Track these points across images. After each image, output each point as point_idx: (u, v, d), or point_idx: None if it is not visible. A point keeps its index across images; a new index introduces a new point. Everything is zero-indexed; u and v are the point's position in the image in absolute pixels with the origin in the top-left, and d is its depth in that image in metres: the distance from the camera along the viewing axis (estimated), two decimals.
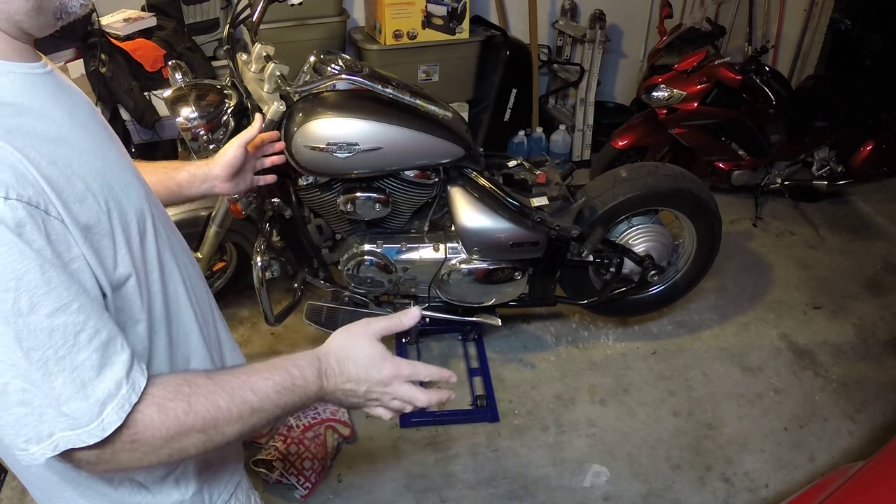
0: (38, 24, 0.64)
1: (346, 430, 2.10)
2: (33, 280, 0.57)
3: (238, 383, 0.71)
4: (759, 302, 2.78)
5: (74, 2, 0.65)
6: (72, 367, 0.60)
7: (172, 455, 0.67)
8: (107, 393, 0.62)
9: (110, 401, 0.62)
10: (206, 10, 2.87)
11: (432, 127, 1.86)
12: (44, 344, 0.58)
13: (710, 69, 2.90)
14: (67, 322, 0.60)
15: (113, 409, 0.62)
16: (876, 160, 3.21)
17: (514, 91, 3.50)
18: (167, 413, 0.66)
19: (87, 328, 0.61)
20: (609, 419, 2.22)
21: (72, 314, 0.60)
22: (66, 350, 0.60)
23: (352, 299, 2.15)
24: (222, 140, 1.80)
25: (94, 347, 0.61)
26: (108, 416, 0.62)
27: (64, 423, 0.60)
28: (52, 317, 0.59)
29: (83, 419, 0.61)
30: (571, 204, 2.11)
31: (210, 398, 0.68)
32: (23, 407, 0.59)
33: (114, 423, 0.62)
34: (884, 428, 2.20)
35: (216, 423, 0.68)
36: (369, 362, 0.79)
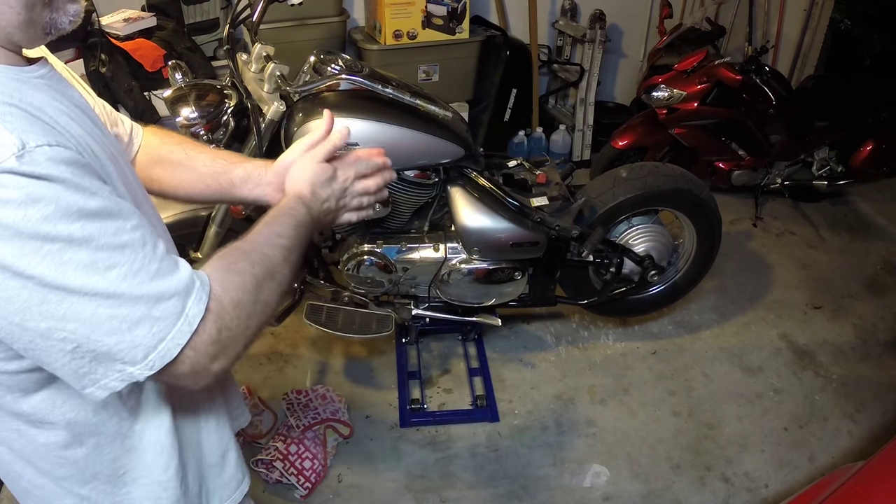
0: (28, 37, 0.66)
1: (346, 430, 2.10)
2: (92, 208, 0.60)
3: (266, 234, 0.81)
4: (759, 302, 2.78)
5: (64, 18, 0.67)
6: (149, 277, 0.63)
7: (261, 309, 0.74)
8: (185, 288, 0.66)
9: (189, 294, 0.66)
10: (206, 10, 2.87)
11: (432, 127, 1.86)
12: (119, 260, 0.61)
13: (710, 69, 2.90)
14: (133, 238, 0.63)
15: (193, 301, 0.66)
16: (876, 160, 3.21)
17: (514, 91, 3.50)
18: (240, 271, 0.73)
19: (148, 241, 0.65)
20: (609, 419, 2.22)
21: (131, 231, 0.63)
22: (140, 263, 0.63)
23: (352, 299, 2.15)
24: (222, 140, 1.80)
25: (160, 257, 0.66)
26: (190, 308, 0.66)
27: (156, 332, 0.64)
28: (117, 235, 0.62)
29: (171, 319, 0.64)
30: (571, 204, 2.11)
31: (258, 251, 0.77)
32: (113, 336, 0.62)
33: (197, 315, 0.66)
34: (884, 428, 2.20)
35: (273, 268, 0.77)
36: (329, 181, 0.95)
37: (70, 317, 0.60)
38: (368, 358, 2.44)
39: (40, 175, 0.57)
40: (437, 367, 2.41)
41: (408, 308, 2.19)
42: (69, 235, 0.58)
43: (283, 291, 0.79)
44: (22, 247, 0.56)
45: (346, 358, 2.44)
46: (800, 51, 4.00)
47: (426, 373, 2.37)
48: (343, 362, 2.42)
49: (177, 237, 2.30)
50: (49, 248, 0.57)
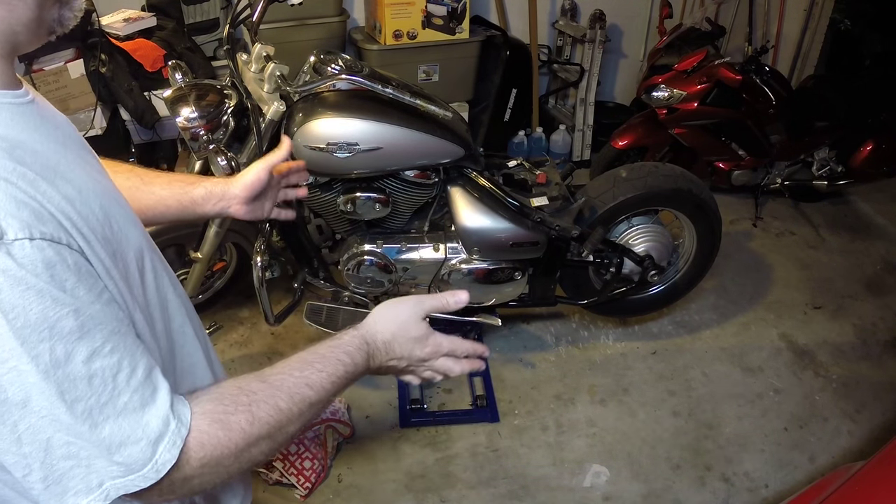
0: (32, 38, 0.62)
1: (346, 430, 2.10)
2: (67, 326, 0.54)
3: (293, 381, 0.70)
4: (759, 302, 2.78)
5: (69, 14, 0.64)
6: (115, 412, 0.57)
7: (243, 465, 0.66)
8: (157, 432, 0.59)
9: (161, 440, 0.59)
10: (206, 10, 2.87)
11: (432, 127, 1.86)
12: (86, 394, 0.55)
13: (710, 69, 2.90)
14: (105, 366, 0.57)
15: (165, 447, 0.59)
16: (876, 160, 3.20)
17: (514, 91, 3.50)
18: (231, 428, 0.64)
19: (123, 368, 0.58)
20: (609, 419, 2.22)
21: (106, 356, 0.57)
22: (108, 396, 0.57)
23: (352, 299, 2.15)
24: (222, 140, 1.80)
25: (133, 388, 0.59)
26: (161, 455, 0.59)
27: (116, 470, 0.57)
28: (89, 362, 0.56)
29: (136, 464, 0.58)
30: (571, 204, 2.11)
31: (271, 402, 0.67)
32: (69, 461, 0.56)
33: (168, 462, 0.59)
34: (884, 428, 2.20)
35: (280, 426, 0.67)
36: (414, 343, 0.82)
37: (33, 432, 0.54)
38: None
39: (13, 276, 0.51)
40: None
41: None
42: (36, 357, 0.53)
43: (278, 449, 0.70)
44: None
45: None
46: (800, 51, 4.00)
47: None
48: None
49: (177, 237, 2.31)
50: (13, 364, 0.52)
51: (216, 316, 2.56)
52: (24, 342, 0.52)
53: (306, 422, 0.71)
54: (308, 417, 0.71)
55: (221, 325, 2.54)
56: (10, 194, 0.54)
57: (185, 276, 2.19)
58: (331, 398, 0.74)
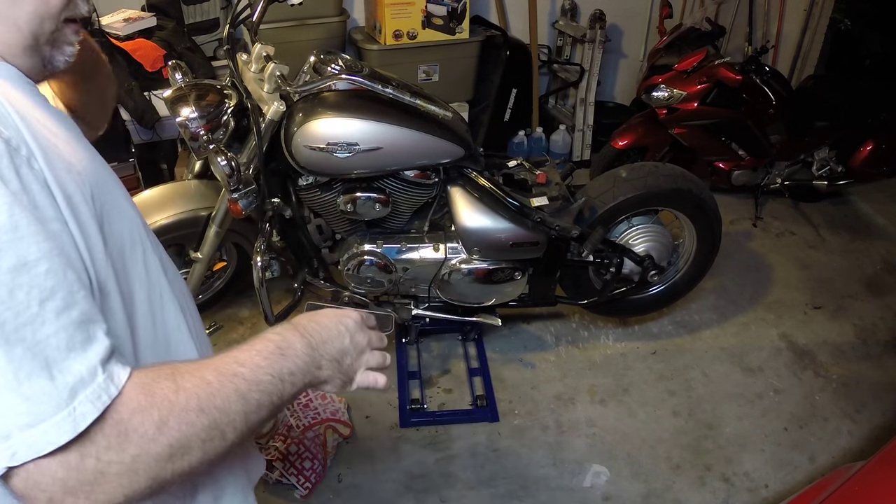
0: (28, 65, 0.64)
1: (346, 430, 2.10)
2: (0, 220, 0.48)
3: (221, 359, 0.64)
4: (759, 302, 2.78)
5: (61, 58, 0.67)
6: (33, 338, 0.49)
7: (174, 449, 0.56)
8: (78, 377, 0.51)
9: (82, 388, 0.51)
10: (206, 10, 2.86)
11: (432, 127, 1.86)
12: (2, 301, 0.48)
13: (710, 69, 2.89)
14: (32, 284, 0.49)
15: (87, 397, 0.51)
16: (876, 160, 3.20)
17: (514, 91, 3.50)
18: (154, 394, 0.56)
19: (55, 298, 0.51)
20: (609, 419, 2.22)
21: (38, 276, 0.50)
22: (28, 318, 0.49)
23: (352, 299, 2.15)
24: (222, 140, 1.80)
25: (62, 324, 0.51)
26: (80, 404, 0.50)
27: (25, 412, 0.49)
28: (15, 272, 0.49)
29: (48, 407, 0.49)
30: (571, 204, 2.11)
31: (196, 374, 0.60)
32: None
33: (88, 414, 0.51)
34: (884, 428, 2.20)
35: (211, 399, 0.59)
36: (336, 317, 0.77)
37: None
38: None
39: None
40: (437, 367, 2.41)
41: (408, 308, 2.19)
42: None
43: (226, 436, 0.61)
44: None
45: None
46: (800, 51, 4.00)
47: (426, 373, 2.37)
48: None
49: (177, 237, 2.31)
50: None
51: (216, 316, 2.56)
52: None
53: (254, 405, 0.63)
54: (254, 400, 0.63)
55: (221, 325, 2.54)
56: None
57: (185, 277, 2.20)
58: (276, 380, 0.65)
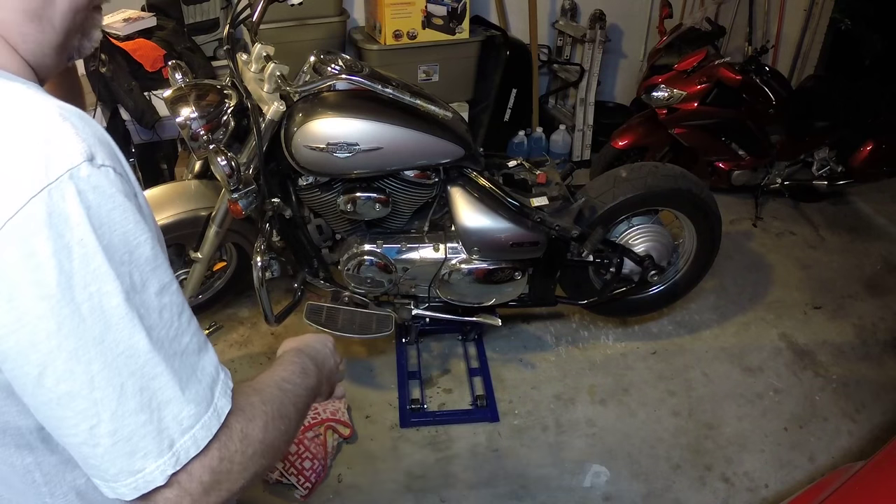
0: (57, 62, 0.64)
1: (346, 430, 2.10)
2: (144, 254, 0.54)
3: (271, 379, 0.71)
4: (759, 302, 2.78)
5: (89, 44, 0.67)
6: (182, 349, 0.56)
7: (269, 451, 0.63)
8: (212, 377, 0.58)
9: (216, 384, 0.58)
10: (206, 10, 2.87)
11: (432, 127, 1.86)
12: (157, 324, 0.54)
13: (710, 69, 2.90)
14: (172, 302, 0.56)
15: (220, 391, 0.58)
16: (876, 160, 3.20)
17: (514, 91, 3.50)
18: (253, 405, 0.63)
19: (185, 310, 0.58)
20: (609, 419, 2.22)
21: (173, 294, 0.57)
22: (175, 332, 0.56)
23: (352, 299, 2.15)
24: (222, 140, 1.80)
25: (192, 331, 0.58)
26: (218, 399, 0.57)
27: (187, 416, 0.55)
28: (160, 295, 0.55)
29: (203, 404, 0.56)
30: (571, 204, 2.11)
31: (267, 391, 0.68)
32: (141, 414, 0.53)
33: (225, 407, 0.58)
34: (884, 428, 2.20)
35: (284, 409, 0.67)
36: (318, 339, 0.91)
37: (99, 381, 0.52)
38: (368, 358, 2.44)
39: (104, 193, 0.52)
40: (437, 367, 2.41)
41: (408, 308, 2.19)
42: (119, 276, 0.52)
43: (288, 440, 0.68)
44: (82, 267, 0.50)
45: (346, 358, 2.43)
46: (800, 51, 4.00)
47: (426, 373, 2.37)
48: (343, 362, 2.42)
49: (177, 237, 2.31)
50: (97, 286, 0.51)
51: (216, 316, 2.57)
52: (110, 260, 0.51)
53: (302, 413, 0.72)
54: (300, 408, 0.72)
55: (221, 325, 2.54)
56: (93, 132, 0.55)
57: (185, 276, 2.19)
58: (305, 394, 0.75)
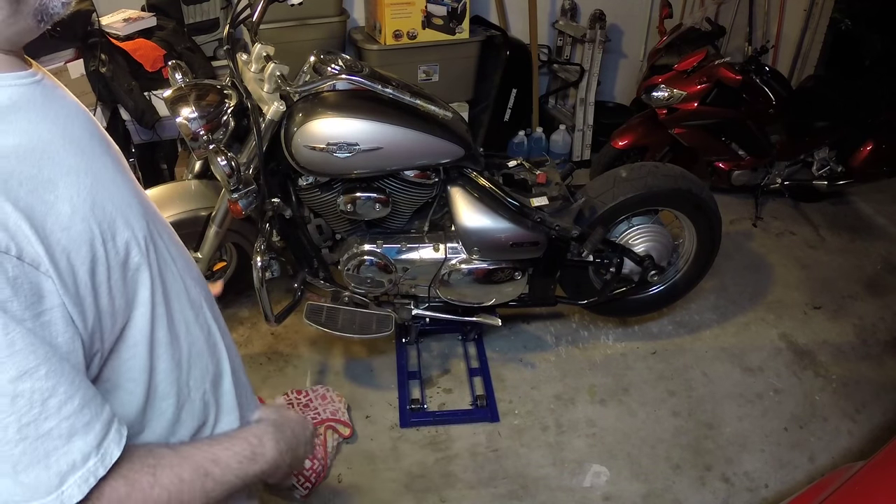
0: (20, 30, 0.60)
1: (346, 430, 2.10)
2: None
3: (201, 456, 0.70)
4: (759, 302, 2.78)
5: (56, 2, 0.61)
6: (35, 435, 0.55)
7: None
8: (71, 464, 0.57)
9: (73, 473, 0.57)
10: (206, 10, 2.86)
11: (432, 127, 1.86)
12: (4, 410, 0.53)
13: (710, 69, 2.89)
14: (34, 388, 0.54)
15: (76, 481, 0.57)
16: (876, 160, 3.20)
17: (514, 91, 3.50)
18: (134, 485, 0.62)
19: (56, 394, 0.55)
20: (609, 419, 2.22)
21: (39, 380, 0.54)
22: (31, 417, 0.54)
23: (352, 299, 2.15)
24: (222, 140, 1.79)
25: (63, 415, 0.56)
26: (68, 488, 0.56)
27: (19, 494, 0.55)
28: (16, 382, 0.53)
29: (41, 490, 0.55)
30: (571, 204, 2.11)
31: (174, 470, 0.66)
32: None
33: (74, 497, 0.56)
34: (884, 428, 2.20)
35: (180, 497, 0.65)
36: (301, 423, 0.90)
37: None
38: (368, 358, 2.44)
39: None
40: (437, 367, 2.41)
41: (408, 308, 2.19)
42: None
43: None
44: None
45: (346, 358, 2.44)
46: (800, 51, 4.00)
47: (426, 373, 2.37)
48: (343, 362, 2.42)
49: None
50: None
51: None
52: None
53: (211, 500, 0.69)
54: (214, 496, 0.69)
55: None
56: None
57: None
58: (238, 480, 0.73)
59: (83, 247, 0.60)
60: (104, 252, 0.62)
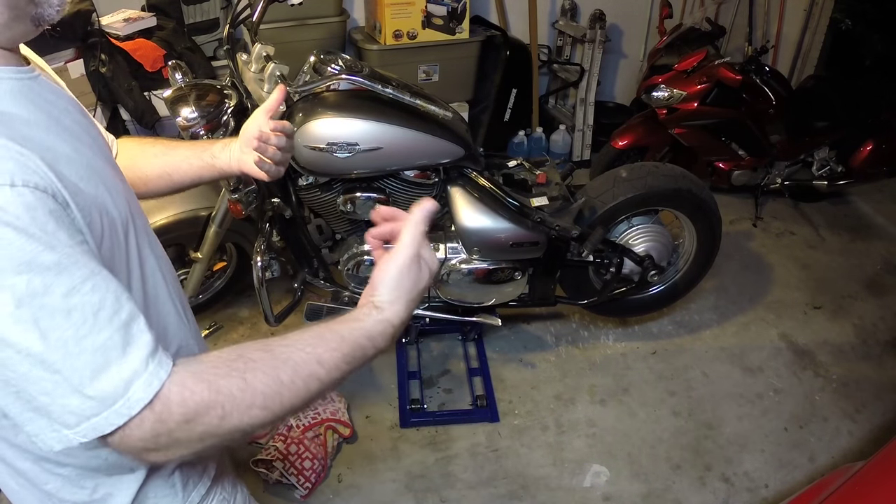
0: (17, 33, 0.66)
1: (346, 430, 2.10)
2: (45, 262, 0.57)
3: (302, 357, 0.68)
4: (759, 302, 2.78)
5: (50, 10, 0.67)
6: (93, 347, 0.58)
7: (236, 431, 0.64)
8: (133, 370, 0.60)
9: (136, 378, 0.60)
10: (206, 10, 2.87)
11: (432, 127, 1.86)
12: (61, 325, 0.57)
13: (710, 69, 2.90)
14: (84, 302, 0.59)
15: (140, 385, 0.60)
16: (876, 160, 3.20)
17: (514, 91, 3.50)
18: (220, 390, 0.63)
19: (105, 307, 0.60)
20: (609, 419, 2.22)
21: (86, 294, 0.59)
22: (87, 330, 0.58)
23: (352, 299, 2.15)
24: None
25: (115, 327, 0.60)
26: (134, 392, 0.59)
27: (89, 407, 0.59)
28: (68, 296, 0.58)
29: (108, 399, 0.59)
30: (571, 204, 2.11)
31: (270, 374, 0.65)
32: (45, 396, 0.58)
33: (141, 400, 0.59)
34: (884, 428, 2.20)
35: (279, 398, 0.65)
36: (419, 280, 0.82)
37: (8, 366, 0.57)
38: None
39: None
40: (437, 367, 2.41)
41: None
42: (12, 287, 0.55)
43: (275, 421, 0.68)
44: None
45: None
46: (800, 51, 4.00)
47: (426, 373, 2.37)
48: None
49: (177, 237, 2.32)
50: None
51: (216, 316, 2.57)
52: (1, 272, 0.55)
53: (313, 398, 0.69)
54: (317, 392, 0.69)
55: (221, 325, 2.54)
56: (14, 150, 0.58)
57: (185, 277, 2.19)
58: (345, 376, 0.71)
59: (93, 209, 0.66)
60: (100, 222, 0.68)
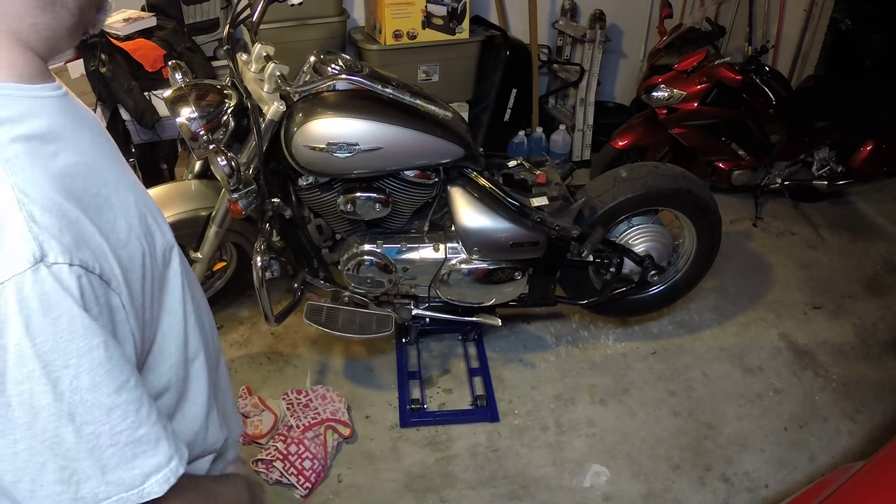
0: (69, 42, 0.64)
1: (346, 430, 2.10)
2: (97, 358, 0.54)
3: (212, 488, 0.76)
4: (759, 302, 2.78)
5: (103, 17, 0.66)
6: (127, 440, 0.58)
7: None
8: (156, 465, 0.60)
9: (157, 472, 0.60)
10: (206, 10, 2.87)
11: (432, 127, 1.86)
12: (99, 420, 0.56)
13: (710, 69, 2.89)
14: (129, 399, 0.58)
15: (158, 480, 0.60)
16: (876, 160, 3.20)
17: (514, 91, 3.50)
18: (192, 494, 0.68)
19: (144, 402, 0.60)
20: (609, 419, 2.22)
21: (131, 391, 0.58)
22: (126, 426, 0.58)
23: (352, 299, 2.15)
24: (222, 140, 1.80)
25: (152, 422, 0.60)
26: (150, 486, 0.60)
27: (102, 491, 0.58)
28: (116, 394, 0.56)
29: (124, 486, 0.59)
30: (571, 204, 2.11)
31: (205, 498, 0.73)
32: (58, 485, 0.56)
33: (154, 493, 0.60)
34: (884, 428, 2.20)
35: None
36: None
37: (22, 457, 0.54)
38: (368, 358, 2.44)
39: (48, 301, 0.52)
40: (437, 367, 2.41)
41: (408, 308, 2.19)
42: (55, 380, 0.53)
43: None
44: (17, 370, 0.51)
45: (346, 358, 2.44)
46: (800, 51, 4.00)
47: (426, 373, 2.37)
48: (343, 362, 2.42)
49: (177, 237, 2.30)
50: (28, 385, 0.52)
51: (216, 316, 2.54)
52: (46, 366, 0.52)
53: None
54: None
55: (221, 325, 2.54)
56: (60, 213, 0.54)
57: None
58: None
59: (137, 263, 0.63)
60: (150, 265, 0.66)
